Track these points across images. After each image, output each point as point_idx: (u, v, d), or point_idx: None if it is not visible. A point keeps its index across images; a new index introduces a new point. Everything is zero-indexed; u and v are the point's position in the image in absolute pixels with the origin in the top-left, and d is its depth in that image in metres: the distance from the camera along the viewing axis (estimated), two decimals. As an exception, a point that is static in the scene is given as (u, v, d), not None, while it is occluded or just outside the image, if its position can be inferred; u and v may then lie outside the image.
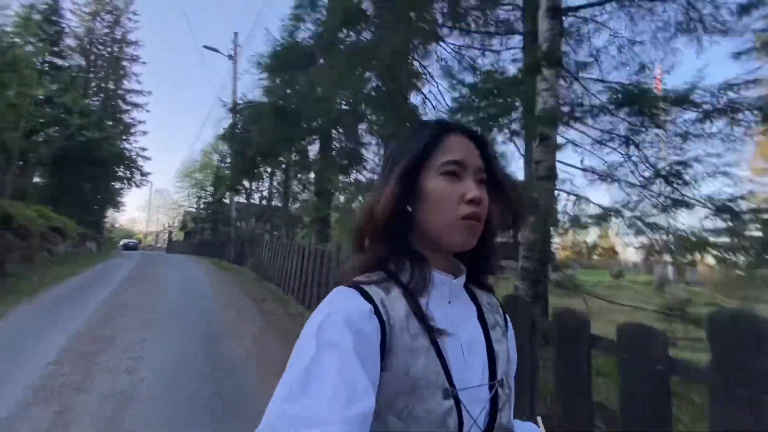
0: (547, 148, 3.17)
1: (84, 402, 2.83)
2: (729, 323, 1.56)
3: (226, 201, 21.20)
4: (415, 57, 6.86)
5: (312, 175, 11.45)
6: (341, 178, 8.74)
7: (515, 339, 0.70)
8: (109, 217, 30.49)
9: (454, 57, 6.87)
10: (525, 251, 3.29)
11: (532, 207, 2.77)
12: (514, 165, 6.28)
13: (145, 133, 27.70)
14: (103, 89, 26.34)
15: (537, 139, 3.22)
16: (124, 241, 33.65)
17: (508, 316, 0.69)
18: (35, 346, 3.97)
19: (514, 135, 4.17)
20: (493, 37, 6.38)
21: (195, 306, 6.39)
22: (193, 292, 7.78)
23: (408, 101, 7.04)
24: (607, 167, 4.49)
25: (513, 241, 0.66)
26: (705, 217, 3.88)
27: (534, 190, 3.30)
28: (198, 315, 5.73)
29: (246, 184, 15.66)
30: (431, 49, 6.81)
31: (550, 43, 3.22)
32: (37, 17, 17.90)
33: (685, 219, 3.86)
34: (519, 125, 3.29)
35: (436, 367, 0.51)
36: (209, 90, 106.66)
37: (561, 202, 3.76)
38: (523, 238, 3.39)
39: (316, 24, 8.77)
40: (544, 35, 3.27)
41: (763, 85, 3.34)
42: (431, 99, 7.54)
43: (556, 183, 3.97)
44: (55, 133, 18.38)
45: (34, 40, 15.41)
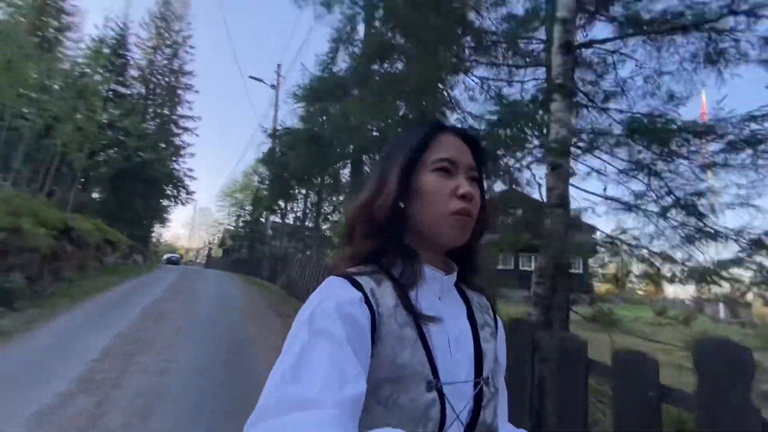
0: (559, 176, 3.25)
1: (119, 396, 3.13)
2: (714, 352, 1.60)
3: (263, 220, 22.10)
4: (442, 87, 7.15)
5: (342, 197, 11.84)
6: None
7: (514, 353, 0.71)
8: (156, 232, 32.52)
9: (481, 87, 7.10)
10: (537, 277, 3.33)
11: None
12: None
13: (193, 155, 29.77)
14: (159, 114, 28.70)
15: (549, 168, 3.33)
16: (168, 255, 35.62)
17: (499, 320, 0.69)
18: (82, 345, 4.38)
19: (534, 162, 4.29)
20: (520, 69, 6.56)
21: (225, 317, 6.74)
22: (225, 304, 8.19)
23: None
24: (634, 197, 4.47)
25: (470, 247, 0.63)
26: (740, 251, 3.77)
27: (546, 217, 3.37)
28: (227, 326, 6.05)
29: (282, 204, 16.37)
30: (459, 79, 7.08)
31: (563, 77, 3.36)
32: (106, 51, 20.07)
33: (714, 252, 3.75)
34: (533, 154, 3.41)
35: (421, 357, 0.52)
36: (252, 116, 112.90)
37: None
38: (537, 263, 3.45)
39: (352, 57, 9.35)
40: (557, 69, 3.42)
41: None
42: (459, 125, 7.77)
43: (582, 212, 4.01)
44: (114, 154, 20.19)
45: (102, 71, 17.23)
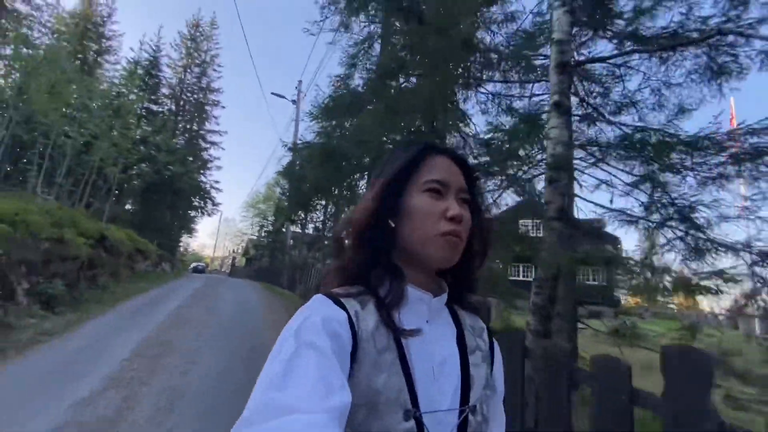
0: (556, 190, 3.38)
1: (146, 393, 3.43)
2: (679, 358, 1.72)
3: (284, 230, 22.68)
4: (453, 101, 7.37)
5: (359, 208, 12.12)
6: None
7: (506, 358, 0.69)
8: (183, 241, 33.79)
9: (492, 101, 7.27)
10: (535, 287, 3.45)
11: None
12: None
13: (219, 168, 30.96)
14: (188, 130, 30.07)
15: (546, 182, 3.46)
16: (194, 264, 36.85)
17: (496, 344, 0.67)
18: (113, 346, 4.75)
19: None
20: (530, 84, 6.69)
21: (245, 324, 7.08)
22: (245, 311, 8.55)
23: (445, 140, 7.49)
24: (643, 209, 4.51)
25: (463, 267, 0.62)
26: (752, 263, 3.76)
27: (545, 230, 3.50)
28: (246, 331, 6.36)
29: (302, 214, 16.83)
30: (470, 94, 7.28)
31: (559, 95, 3.51)
32: (140, 72, 21.34)
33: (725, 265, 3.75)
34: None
35: (399, 384, 0.50)
36: (274, 130, 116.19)
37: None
38: (537, 274, 3.57)
39: (368, 72, 9.71)
40: (554, 88, 3.57)
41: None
42: (471, 140, 7.93)
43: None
44: (146, 168, 21.30)
45: (136, 90, 18.36)
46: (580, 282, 4.16)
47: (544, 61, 6.44)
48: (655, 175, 4.03)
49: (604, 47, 5.08)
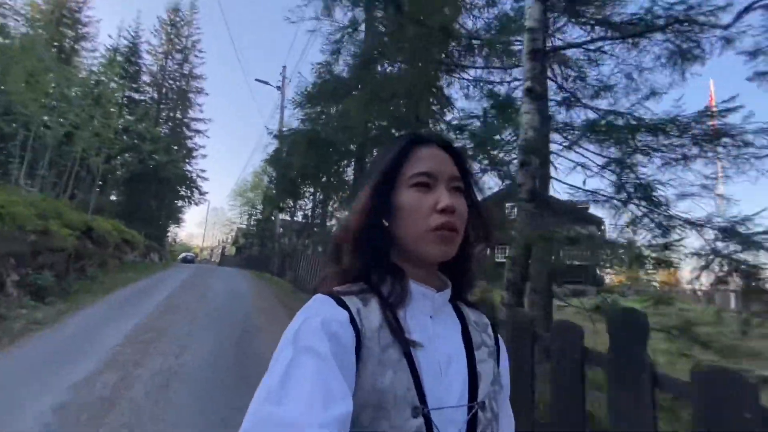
0: (528, 173, 3.57)
1: (140, 374, 3.59)
2: (620, 317, 1.94)
3: (273, 219, 22.70)
4: (436, 87, 7.48)
5: (347, 195, 12.24)
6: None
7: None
8: (171, 232, 33.54)
9: (475, 87, 7.39)
10: (510, 265, 3.67)
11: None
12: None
13: (204, 156, 30.58)
14: (171, 118, 29.53)
15: (519, 165, 3.65)
16: (183, 254, 36.77)
17: (501, 339, 0.66)
18: (106, 332, 4.87)
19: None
20: (512, 69, 6.82)
21: (235, 309, 7.23)
22: (235, 298, 8.70)
23: (428, 126, 7.62)
24: (615, 190, 4.75)
25: (463, 260, 0.62)
26: (715, 239, 4.03)
27: (518, 211, 3.71)
28: (236, 317, 6.52)
29: (290, 202, 16.89)
30: (453, 80, 7.39)
31: (531, 81, 3.67)
32: (120, 59, 20.80)
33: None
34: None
35: (406, 381, 0.49)
36: (260, 118, 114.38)
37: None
38: (510, 252, 3.79)
39: (354, 57, 9.72)
40: (526, 75, 3.73)
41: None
42: (454, 124, 8.09)
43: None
44: (129, 158, 20.98)
45: (116, 79, 17.96)
46: (561, 261, 4.38)
47: (521, 47, 6.58)
48: (623, 157, 4.25)
49: (579, 33, 5.22)
